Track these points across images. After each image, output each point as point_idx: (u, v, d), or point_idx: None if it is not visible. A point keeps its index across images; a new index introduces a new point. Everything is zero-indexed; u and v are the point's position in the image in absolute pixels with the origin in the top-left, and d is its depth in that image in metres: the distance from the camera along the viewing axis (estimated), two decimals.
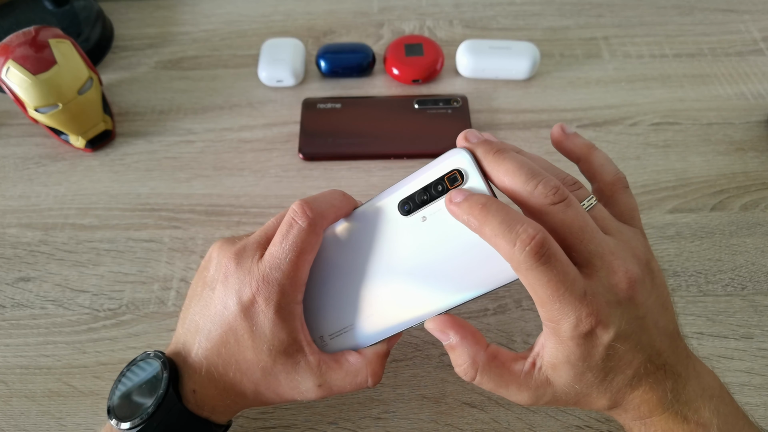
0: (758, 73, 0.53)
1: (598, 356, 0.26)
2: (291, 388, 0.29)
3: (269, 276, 0.28)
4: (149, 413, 0.27)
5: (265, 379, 0.29)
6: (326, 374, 0.29)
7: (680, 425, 0.27)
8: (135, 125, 0.50)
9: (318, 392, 0.30)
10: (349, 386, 0.30)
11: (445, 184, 0.27)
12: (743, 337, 0.38)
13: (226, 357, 0.29)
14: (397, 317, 0.29)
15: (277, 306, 0.28)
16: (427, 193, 0.28)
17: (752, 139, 0.48)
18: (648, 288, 0.27)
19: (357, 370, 0.30)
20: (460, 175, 0.27)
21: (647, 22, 0.58)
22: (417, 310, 0.29)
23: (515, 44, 0.52)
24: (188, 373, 0.29)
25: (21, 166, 0.47)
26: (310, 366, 0.29)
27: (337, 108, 0.50)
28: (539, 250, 0.24)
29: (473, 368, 0.28)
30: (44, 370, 0.37)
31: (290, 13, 0.60)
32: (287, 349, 0.29)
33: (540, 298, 0.25)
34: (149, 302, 0.40)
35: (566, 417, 0.35)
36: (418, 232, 0.28)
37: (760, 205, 0.44)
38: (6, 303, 0.40)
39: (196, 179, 0.46)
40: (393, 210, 0.29)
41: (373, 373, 0.30)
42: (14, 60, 0.42)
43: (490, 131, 0.49)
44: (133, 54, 0.56)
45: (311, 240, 0.29)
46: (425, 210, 0.28)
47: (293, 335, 0.29)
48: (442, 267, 0.28)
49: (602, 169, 0.31)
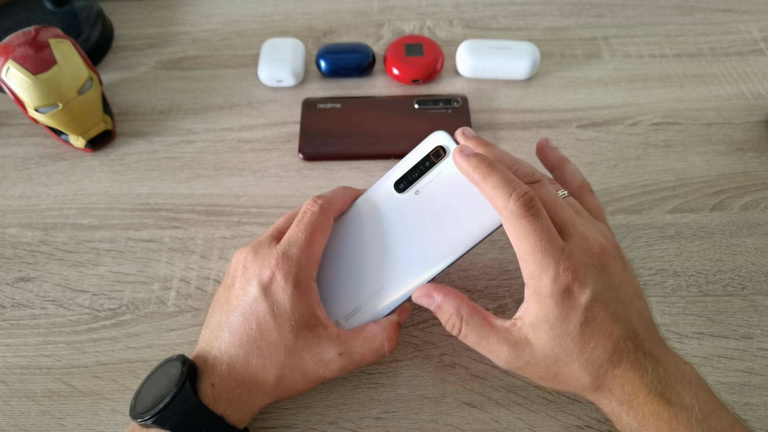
0: (758, 73, 0.53)
1: (576, 319, 0.27)
2: (315, 363, 0.31)
3: (288, 251, 0.31)
4: (165, 404, 0.28)
5: (290, 358, 0.30)
6: (346, 342, 0.31)
7: (665, 408, 0.27)
8: (135, 125, 0.50)
9: (341, 362, 0.31)
10: (368, 352, 0.32)
11: (432, 160, 0.32)
12: (743, 337, 0.38)
13: (248, 345, 0.30)
14: (402, 286, 0.33)
15: (296, 279, 0.30)
16: (417, 170, 0.33)
17: (752, 139, 0.48)
18: (619, 265, 0.30)
19: (374, 335, 0.32)
20: (443, 150, 0.32)
21: (647, 22, 0.58)
22: (419, 276, 0.33)
23: (515, 44, 0.52)
24: (209, 368, 0.30)
25: (21, 166, 0.47)
26: (330, 336, 0.31)
27: (337, 108, 0.50)
28: (529, 203, 0.28)
29: (458, 318, 0.31)
30: (44, 370, 0.37)
31: (290, 13, 0.60)
32: (308, 323, 0.30)
33: (524, 250, 0.28)
34: (149, 302, 0.40)
35: (566, 417, 0.35)
36: (413, 204, 0.33)
37: (760, 205, 0.44)
38: (6, 303, 0.40)
39: (196, 179, 0.46)
40: (390, 191, 0.33)
41: (388, 338, 0.32)
42: (14, 60, 0.42)
43: (491, 131, 0.49)
44: (133, 54, 0.56)
45: (323, 221, 0.32)
46: (417, 185, 0.33)
47: (311, 309, 0.31)
48: (436, 231, 0.32)
49: (572, 176, 0.36)
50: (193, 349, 0.35)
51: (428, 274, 0.33)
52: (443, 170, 0.33)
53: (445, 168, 0.33)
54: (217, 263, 0.42)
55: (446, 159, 0.32)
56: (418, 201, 0.33)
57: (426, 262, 0.32)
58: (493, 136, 0.49)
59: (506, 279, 0.41)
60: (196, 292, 0.40)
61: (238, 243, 0.43)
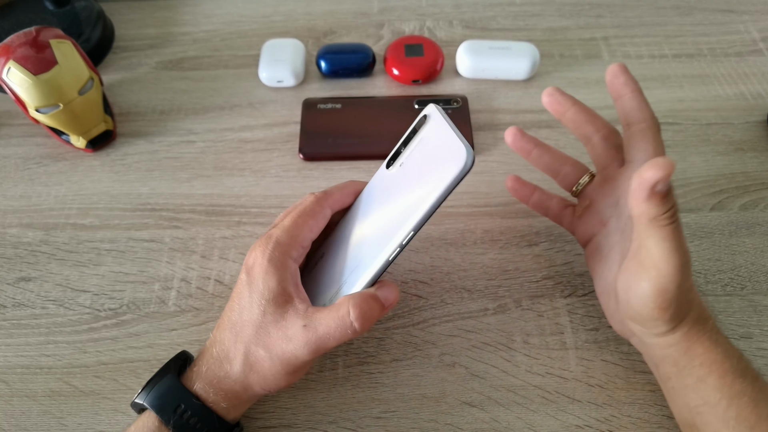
0: (757, 73, 0.53)
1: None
2: (279, 338, 0.30)
3: (271, 234, 0.32)
4: (145, 383, 0.30)
5: (257, 333, 0.30)
6: (312, 316, 0.30)
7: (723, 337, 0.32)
8: (136, 125, 0.50)
9: (304, 334, 0.29)
10: (332, 322, 0.29)
11: (415, 130, 0.31)
12: (743, 337, 0.38)
13: (228, 325, 0.31)
14: (374, 257, 0.31)
15: (270, 255, 0.30)
16: (404, 144, 0.32)
17: (751, 139, 0.49)
18: None
19: (339, 305, 0.29)
20: (425, 118, 0.31)
21: (647, 22, 0.58)
22: (387, 244, 0.30)
23: (515, 45, 0.52)
24: (201, 354, 0.32)
25: (22, 166, 0.47)
26: (297, 311, 0.30)
27: (338, 108, 0.50)
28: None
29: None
30: (45, 369, 0.37)
31: (291, 14, 0.60)
32: (276, 299, 0.30)
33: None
34: (150, 302, 0.40)
35: (566, 417, 0.35)
36: (396, 178, 0.32)
37: (759, 205, 0.44)
38: (7, 303, 0.40)
39: (197, 179, 0.47)
40: (383, 171, 0.33)
41: (354, 305, 0.29)
42: (15, 60, 0.42)
43: (490, 131, 0.49)
44: (134, 54, 0.56)
45: (314, 207, 0.32)
46: (401, 158, 0.32)
47: (283, 285, 0.30)
48: (405, 198, 0.31)
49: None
50: (193, 349, 0.35)
51: (395, 241, 0.30)
52: (423, 137, 0.31)
53: (425, 134, 0.31)
54: (217, 263, 0.42)
55: (426, 125, 0.31)
56: (401, 173, 0.32)
57: (394, 229, 0.30)
58: (493, 137, 0.49)
59: (506, 279, 0.41)
60: (196, 292, 0.40)
61: (238, 243, 0.43)
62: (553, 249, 0.42)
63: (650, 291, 0.29)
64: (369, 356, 0.38)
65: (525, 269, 0.41)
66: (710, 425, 0.30)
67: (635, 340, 0.35)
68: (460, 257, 0.42)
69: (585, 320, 0.39)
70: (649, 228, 0.28)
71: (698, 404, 0.30)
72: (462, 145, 0.28)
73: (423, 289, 0.40)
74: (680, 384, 0.31)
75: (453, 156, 0.28)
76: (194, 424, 0.29)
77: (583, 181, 0.37)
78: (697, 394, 0.30)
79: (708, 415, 0.30)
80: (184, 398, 0.30)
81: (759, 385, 0.30)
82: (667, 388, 0.33)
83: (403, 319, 0.39)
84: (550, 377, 0.36)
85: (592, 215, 0.36)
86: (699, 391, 0.30)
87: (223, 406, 0.30)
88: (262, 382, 0.31)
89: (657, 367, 0.33)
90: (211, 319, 0.39)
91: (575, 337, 0.38)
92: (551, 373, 0.37)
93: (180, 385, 0.30)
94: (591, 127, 0.36)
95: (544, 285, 0.40)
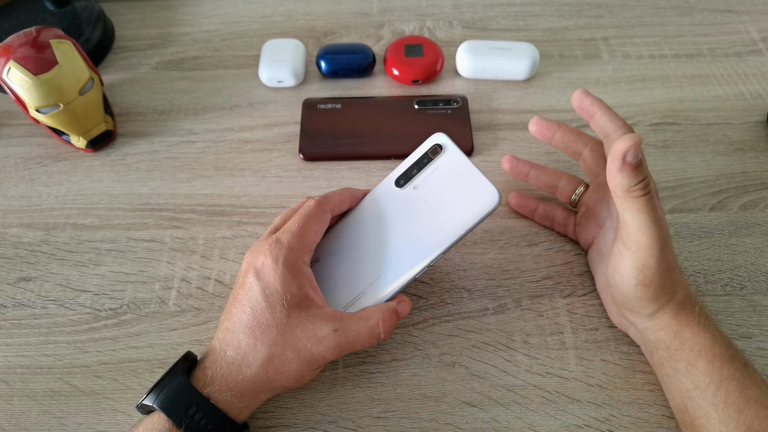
0: (757, 73, 0.53)
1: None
2: (308, 339, 0.31)
3: (280, 238, 0.32)
4: (153, 384, 0.30)
5: (282, 336, 0.31)
6: (341, 320, 0.32)
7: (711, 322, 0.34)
8: (136, 125, 0.50)
9: (335, 338, 0.31)
10: (363, 330, 0.32)
11: (429, 157, 0.35)
12: (742, 337, 0.38)
13: (241, 328, 0.31)
14: (399, 274, 0.34)
15: (285, 261, 0.31)
16: (416, 167, 0.35)
17: (751, 140, 0.49)
18: None
19: (369, 314, 0.32)
20: (440, 147, 0.35)
21: (646, 22, 0.58)
22: (415, 263, 0.34)
23: (515, 45, 0.52)
24: (206, 356, 0.32)
25: (22, 166, 0.47)
26: (324, 315, 0.31)
27: (338, 108, 0.50)
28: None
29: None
30: (45, 369, 0.37)
31: (291, 14, 0.60)
32: (300, 303, 0.31)
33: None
34: (150, 302, 0.40)
35: (566, 416, 0.35)
36: (411, 198, 0.35)
37: (759, 205, 0.44)
38: (7, 303, 0.40)
39: (197, 179, 0.47)
40: (391, 187, 0.36)
41: (383, 318, 0.32)
42: (15, 60, 0.42)
43: (490, 132, 0.49)
44: (134, 54, 0.56)
45: (317, 211, 0.34)
46: (415, 180, 0.35)
47: (303, 290, 0.31)
48: (431, 221, 0.34)
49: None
50: (194, 349, 0.35)
51: (424, 262, 0.34)
52: (440, 165, 0.35)
53: (441, 163, 0.35)
54: (217, 263, 0.42)
55: (442, 155, 0.35)
56: (416, 194, 0.35)
57: (422, 250, 0.34)
58: (493, 137, 0.49)
59: (506, 279, 0.41)
60: (196, 292, 0.40)
61: (238, 243, 0.43)
62: (553, 249, 0.42)
63: (631, 267, 0.31)
64: (369, 356, 0.38)
65: (525, 269, 0.41)
66: (700, 409, 0.31)
67: (632, 330, 0.36)
68: (459, 257, 0.42)
69: (584, 320, 0.39)
70: (625, 200, 0.30)
71: (689, 389, 0.32)
72: (493, 187, 0.33)
73: (423, 289, 0.40)
74: (672, 369, 0.33)
75: (484, 196, 0.33)
76: (205, 426, 0.29)
77: (578, 192, 0.41)
78: (688, 378, 0.32)
79: (698, 399, 0.31)
80: (195, 400, 0.30)
81: (747, 371, 0.31)
82: (661, 375, 0.34)
83: (403, 319, 0.39)
84: (549, 377, 0.36)
85: (589, 220, 0.39)
86: (690, 376, 0.32)
87: (239, 407, 0.31)
88: (285, 381, 0.31)
89: (652, 355, 0.35)
90: (211, 319, 0.39)
91: (575, 337, 0.38)
92: (551, 372, 0.37)
93: (191, 387, 0.30)
94: (579, 143, 0.39)
95: (544, 285, 0.40)
